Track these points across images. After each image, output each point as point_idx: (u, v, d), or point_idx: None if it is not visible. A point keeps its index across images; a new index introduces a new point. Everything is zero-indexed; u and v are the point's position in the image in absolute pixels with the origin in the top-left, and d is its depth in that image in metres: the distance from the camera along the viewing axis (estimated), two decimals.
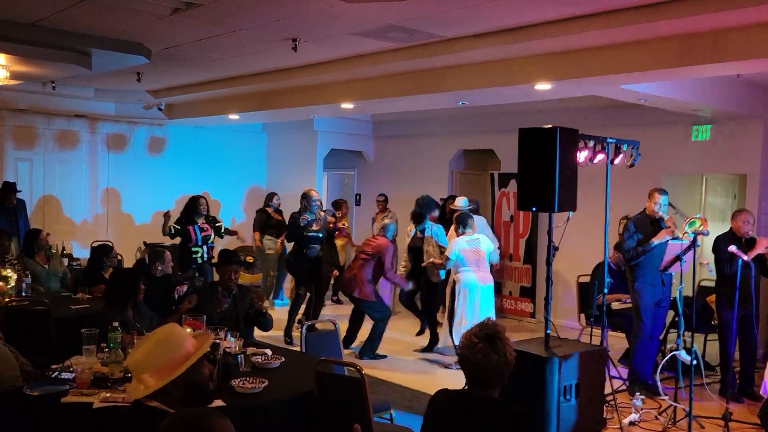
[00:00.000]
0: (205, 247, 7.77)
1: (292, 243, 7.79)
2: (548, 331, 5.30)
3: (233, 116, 9.78)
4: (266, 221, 9.56)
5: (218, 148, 11.56)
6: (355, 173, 12.16)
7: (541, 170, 5.19)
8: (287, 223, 7.72)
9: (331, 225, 8.58)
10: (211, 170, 11.40)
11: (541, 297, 8.03)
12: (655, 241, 5.98)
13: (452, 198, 9.67)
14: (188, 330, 3.86)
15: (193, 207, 7.75)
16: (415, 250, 7.61)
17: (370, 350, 7.05)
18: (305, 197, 7.65)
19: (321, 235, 7.65)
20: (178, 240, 7.80)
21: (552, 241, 5.36)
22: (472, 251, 6.92)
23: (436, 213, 7.81)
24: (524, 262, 9.43)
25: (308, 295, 7.80)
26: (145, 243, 9.48)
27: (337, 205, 9.94)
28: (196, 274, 7.38)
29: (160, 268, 5.87)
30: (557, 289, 8.89)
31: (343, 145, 11.56)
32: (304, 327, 4.68)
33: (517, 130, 5.47)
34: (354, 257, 7.56)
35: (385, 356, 7.20)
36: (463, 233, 6.99)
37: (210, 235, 7.84)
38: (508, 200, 9.61)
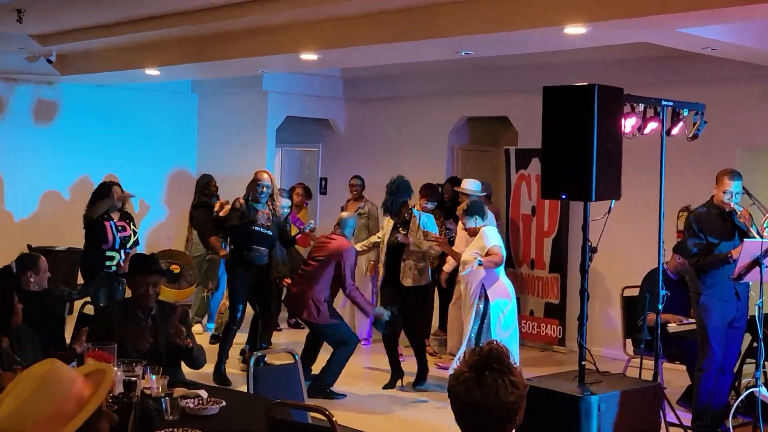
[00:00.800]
0: (122, 253, 7.77)
1: (230, 244, 7.82)
2: (583, 363, 5.37)
3: (151, 71, 9.74)
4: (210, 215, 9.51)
5: (130, 115, 11.52)
6: (319, 150, 12.16)
7: (574, 144, 5.24)
8: (231, 208, 7.70)
9: (290, 214, 8.62)
10: (119, 147, 11.36)
11: (574, 317, 8.05)
12: (734, 255, 5.93)
13: (453, 180, 9.71)
14: (90, 362, 3.85)
15: (107, 196, 7.74)
16: (394, 247, 7.58)
17: (322, 386, 7.09)
18: (252, 181, 7.65)
19: (271, 234, 7.64)
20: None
21: (588, 241, 5.42)
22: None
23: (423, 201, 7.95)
24: (551, 270, 9.50)
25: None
26: (29, 246, 9.41)
27: (294, 192, 9.95)
28: (92, 290, 7.37)
29: (33, 279, 5.81)
30: (595, 306, 8.97)
31: (304, 111, 11.56)
32: (252, 360, 4.69)
33: (539, 90, 5.52)
34: (302, 265, 7.59)
35: (343, 395, 7.25)
36: (482, 226, 7.18)
37: (129, 237, 7.86)
38: (528, 186, 9.67)
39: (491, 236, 7.12)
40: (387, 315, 7.33)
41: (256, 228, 7.48)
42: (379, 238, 7.79)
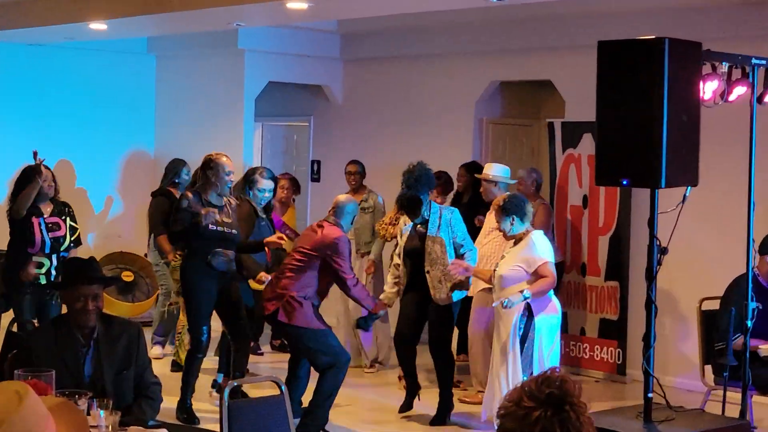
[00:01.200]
0: (54, 258, 7.71)
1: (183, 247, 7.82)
2: (650, 395, 5.34)
3: (97, 26, 9.74)
4: (170, 208, 9.48)
5: (70, 82, 11.52)
6: (310, 125, 12.15)
7: (638, 115, 5.22)
8: (175, 208, 7.68)
9: (280, 202, 8.58)
10: (57, 123, 11.35)
11: (637, 337, 8.01)
12: None
13: (470, 166, 9.68)
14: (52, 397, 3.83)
15: (32, 180, 7.66)
16: (414, 254, 7.64)
17: (312, 425, 7.07)
18: (209, 168, 7.59)
19: (236, 233, 7.61)
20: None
21: (657, 240, 5.38)
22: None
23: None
24: (607, 278, 9.46)
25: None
26: None
27: (278, 186, 9.91)
28: (13, 305, 7.35)
29: None
30: (665, 323, 8.93)
31: (291, 75, 11.54)
32: (226, 392, 4.68)
33: (593, 46, 5.48)
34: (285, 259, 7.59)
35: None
36: (527, 231, 7.00)
37: (64, 238, 7.79)
38: (578, 169, 9.64)
39: (543, 249, 6.95)
40: (379, 310, 7.55)
41: (214, 228, 7.42)
42: (391, 239, 7.79)
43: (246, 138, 11.12)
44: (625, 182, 5.58)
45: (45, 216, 7.74)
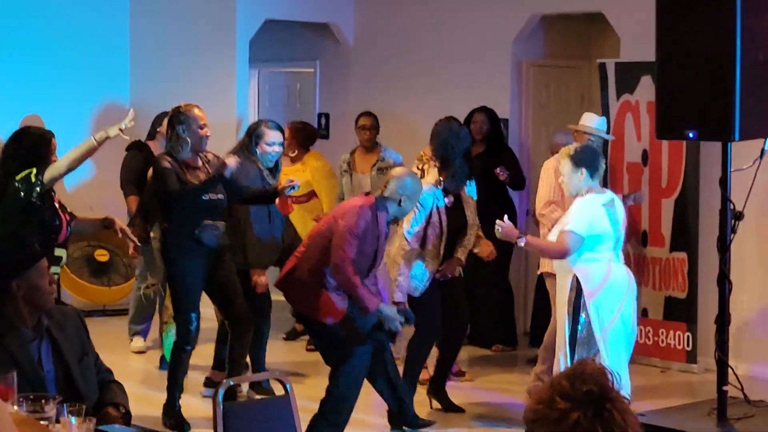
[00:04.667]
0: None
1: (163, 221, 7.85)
2: (725, 388, 5.34)
3: None
4: (146, 164, 9.50)
5: (32, 23, 11.49)
6: (316, 71, 12.16)
7: (706, 55, 5.20)
8: (156, 175, 7.68)
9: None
10: (18, 72, 11.38)
11: (709, 319, 8.01)
12: None
13: (490, 113, 9.74)
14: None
15: (47, 155, 7.45)
16: (450, 218, 7.83)
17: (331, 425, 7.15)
18: (179, 122, 7.59)
19: (222, 199, 7.65)
20: None
21: (731, 203, 5.37)
22: (616, 222, 7.27)
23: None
24: (673, 249, 9.47)
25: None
26: None
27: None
28: None
29: None
30: (742, 301, 8.92)
31: (292, 12, 11.51)
32: (220, 392, 4.72)
33: None
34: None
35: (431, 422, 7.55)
36: (589, 190, 7.19)
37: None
38: (636, 119, 9.63)
39: (580, 217, 7.13)
40: (398, 323, 7.20)
41: (204, 199, 7.46)
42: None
43: (239, 87, 11.11)
44: (691, 135, 5.58)
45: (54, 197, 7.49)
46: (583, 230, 7.09)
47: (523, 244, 7.16)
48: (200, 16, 11.42)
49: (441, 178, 7.82)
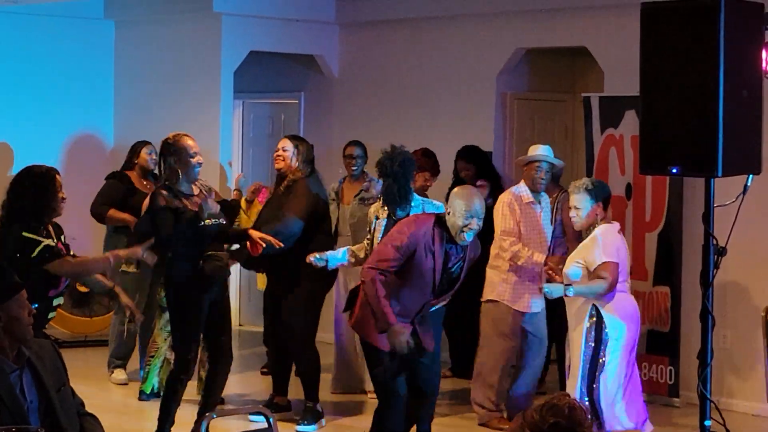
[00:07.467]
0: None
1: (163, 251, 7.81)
2: (707, 423, 5.35)
3: None
4: (126, 195, 9.53)
5: (14, 53, 11.51)
6: (300, 102, 12.17)
7: (689, 90, 5.22)
8: (153, 208, 7.65)
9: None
10: (1, 100, 11.35)
11: (692, 352, 8.01)
12: None
13: (470, 153, 9.76)
14: None
15: (53, 192, 7.21)
16: None
17: None
18: (171, 152, 7.59)
19: (225, 224, 7.74)
20: None
21: (713, 238, 5.38)
22: (624, 250, 7.36)
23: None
24: (656, 282, 9.50)
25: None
26: None
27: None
28: None
29: None
30: (725, 335, 8.94)
31: (277, 44, 11.55)
32: (203, 425, 4.72)
33: (636, 6, 5.49)
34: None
35: None
36: (603, 220, 7.29)
37: None
38: (620, 153, 9.65)
39: (607, 246, 7.18)
40: (405, 345, 7.04)
41: (207, 224, 7.48)
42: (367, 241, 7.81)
43: (223, 119, 11.14)
44: (674, 170, 5.60)
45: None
46: (616, 257, 7.17)
47: (572, 294, 7.15)
48: (185, 46, 11.45)
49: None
